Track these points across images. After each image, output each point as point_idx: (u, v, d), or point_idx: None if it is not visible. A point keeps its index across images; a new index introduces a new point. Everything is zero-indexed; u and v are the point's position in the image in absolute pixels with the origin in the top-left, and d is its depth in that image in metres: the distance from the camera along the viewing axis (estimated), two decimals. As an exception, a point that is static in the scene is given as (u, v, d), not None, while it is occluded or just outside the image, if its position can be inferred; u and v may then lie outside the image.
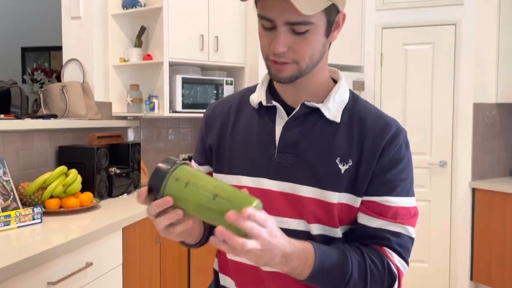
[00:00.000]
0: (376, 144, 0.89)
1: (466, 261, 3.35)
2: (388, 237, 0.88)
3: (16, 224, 1.70)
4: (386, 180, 0.89)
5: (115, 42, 2.85)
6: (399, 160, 0.90)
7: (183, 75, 2.81)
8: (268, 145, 0.93)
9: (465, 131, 3.34)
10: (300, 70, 0.87)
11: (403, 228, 0.90)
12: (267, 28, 0.85)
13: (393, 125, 0.91)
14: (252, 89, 1.01)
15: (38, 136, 2.23)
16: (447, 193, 3.39)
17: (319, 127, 0.91)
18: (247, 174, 0.94)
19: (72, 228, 1.78)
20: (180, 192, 0.77)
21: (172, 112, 2.77)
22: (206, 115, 1.04)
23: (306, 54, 0.85)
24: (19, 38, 5.29)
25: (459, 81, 3.32)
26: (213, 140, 1.00)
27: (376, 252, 0.88)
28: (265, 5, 0.83)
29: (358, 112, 0.92)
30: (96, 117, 2.61)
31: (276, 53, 0.85)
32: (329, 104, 0.92)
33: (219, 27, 2.88)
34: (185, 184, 0.77)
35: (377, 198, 0.89)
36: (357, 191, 0.89)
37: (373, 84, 3.47)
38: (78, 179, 2.08)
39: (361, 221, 0.90)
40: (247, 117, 0.97)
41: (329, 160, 0.89)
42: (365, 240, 0.90)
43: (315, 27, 0.84)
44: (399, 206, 0.89)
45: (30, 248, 1.46)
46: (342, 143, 0.89)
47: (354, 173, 0.88)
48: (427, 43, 3.37)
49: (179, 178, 0.78)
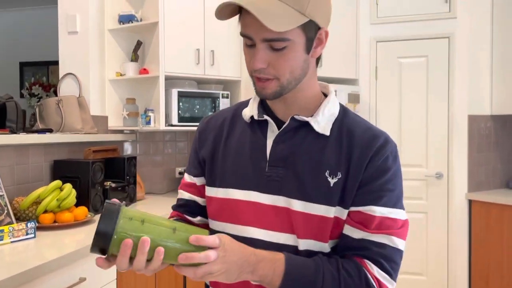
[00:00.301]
0: (363, 155, 0.89)
1: (464, 273, 3.34)
2: (370, 247, 0.86)
3: (10, 239, 1.69)
4: (372, 190, 0.88)
5: (111, 56, 2.87)
6: (385, 170, 0.89)
7: (179, 88, 2.82)
8: (260, 158, 0.93)
9: (461, 143, 3.35)
10: (282, 86, 0.88)
11: (388, 238, 0.87)
12: (249, 45, 0.87)
13: (381, 137, 0.92)
14: (246, 103, 1.02)
15: (33, 151, 2.23)
16: (443, 205, 3.39)
17: (308, 140, 0.92)
18: (238, 187, 0.94)
19: (65, 243, 1.77)
20: (137, 231, 0.76)
21: (168, 126, 2.78)
22: (199, 129, 1.06)
23: (286, 70, 0.87)
24: (17, 52, 5.33)
25: (453, 94, 3.34)
26: (206, 153, 1.01)
27: (354, 264, 0.86)
28: (244, 24, 0.86)
29: (347, 124, 0.93)
30: (92, 131, 2.61)
31: (255, 69, 0.86)
32: (319, 117, 0.92)
33: (215, 41, 2.91)
34: (141, 222, 0.77)
35: (362, 208, 0.88)
36: (345, 203, 0.89)
37: (368, 96, 3.49)
38: (73, 194, 2.07)
39: (345, 232, 0.90)
40: (240, 131, 0.98)
41: (319, 173, 0.89)
42: (347, 252, 0.89)
43: (293, 44, 0.85)
44: (384, 216, 0.88)
45: (23, 263, 1.45)
46: (331, 156, 0.90)
47: (343, 186, 0.89)
48: (421, 56, 3.41)
49: (133, 217, 0.78)
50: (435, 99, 3.39)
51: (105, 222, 0.76)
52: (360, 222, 0.88)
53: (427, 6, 3.36)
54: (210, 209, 1.01)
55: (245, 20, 0.85)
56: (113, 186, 2.46)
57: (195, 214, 1.05)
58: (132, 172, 2.69)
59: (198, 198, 1.05)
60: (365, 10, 3.46)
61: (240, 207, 0.94)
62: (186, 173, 1.07)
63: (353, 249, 0.88)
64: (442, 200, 3.39)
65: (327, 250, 0.90)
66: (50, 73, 5.31)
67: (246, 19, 0.84)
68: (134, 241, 0.75)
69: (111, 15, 2.85)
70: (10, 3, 5.17)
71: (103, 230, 0.76)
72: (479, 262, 3.28)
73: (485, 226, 3.25)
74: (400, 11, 3.42)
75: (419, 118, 3.42)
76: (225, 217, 0.96)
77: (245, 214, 0.93)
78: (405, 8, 3.41)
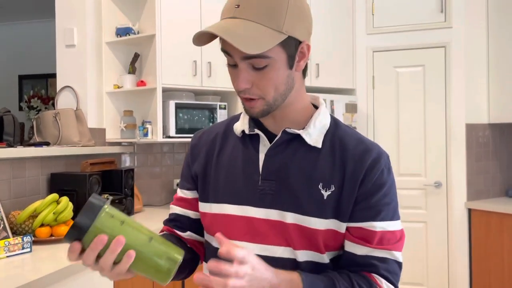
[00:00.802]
0: (357, 170, 0.89)
1: (465, 282, 3.31)
2: (375, 263, 0.89)
3: (5, 253, 1.68)
4: (370, 206, 0.89)
5: (109, 69, 2.88)
6: (381, 185, 0.90)
7: (177, 100, 2.83)
8: (252, 172, 0.93)
9: (459, 152, 3.35)
10: (269, 104, 0.88)
11: (389, 253, 0.90)
12: (231, 65, 0.87)
13: (373, 150, 0.91)
14: (237, 117, 1.02)
15: (30, 164, 2.23)
16: (443, 214, 3.38)
17: (300, 153, 0.92)
18: (232, 202, 0.94)
19: (62, 257, 1.75)
20: (115, 230, 0.74)
21: (166, 137, 2.78)
22: (192, 143, 1.06)
23: (270, 88, 0.86)
24: (16, 65, 5.36)
25: (450, 102, 3.35)
26: (198, 168, 1.01)
27: (365, 279, 0.88)
28: (223, 42, 0.84)
29: (339, 136, 0.93)
30: (90, 143, 2.61)
31: (239, 90, 0.86)
32: (310, 130, 0.92)
33: (212, 53, 2.92)
34: (120, 222, 0.75)
35: (362, 224, 0.89)
36: (341, 216, 0.89)
37: (366, 106, 3.50)
38: (69, 207, 2.06)
39: (348, 249, 0.91)
40: (232, 145, 0.98)
41: (312, 186, 0.89)
42: (353, 268, 0.90)
43: (274, 61, 0.84)
44: (384, 230, 0.89)
45: (19, 278, 1.44)
46: (324, 168, 0.90)
47: (337, 198, 0.89)
48: (418, 65, 3.42)
49: (114, 215, 0.76)
50: (433, 108, 3.40)
51: (85, 214, 0.74)
52: (362, 238, 0.89)
53: (422, 16, 3.39)
54: (204, 223, 1.01)
55: (224, 41, 0.83)
56: (110, 198, 2.45)
57: (185, 229, 1.04)
58: (130, 184, 2.68)
59: (190, 212, 1.04)
60: (361, 20, 3.49)
61: (233, 222, 0.93)
62: (179, 188, 1.08)
63: (359, 265, 0.89)
64: (441, 209, 3.38)
65: (326, 261, 0.91)
66: (49, 86, 5.33)
67: (224, 40, 0.82)
68: (109, 238, 0.74)
69: (109, 28, 2.87)
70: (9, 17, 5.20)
71: (81, 221, 0.74)
72: (480, 271, 3.26)
73: (485, 235, 3.23)
74: (396, 21, 3.44)
75: (417, 127, 3.43)
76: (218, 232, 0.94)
77: (238, 229, 0.92)
78: (401, 18, 3.43)
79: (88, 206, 0.74)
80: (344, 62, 3.43)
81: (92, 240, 0.74)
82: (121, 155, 3.02)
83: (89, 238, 0.74)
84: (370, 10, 3.49)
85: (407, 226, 3.42)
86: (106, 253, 0.75)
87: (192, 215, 1.04)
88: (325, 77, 3.32)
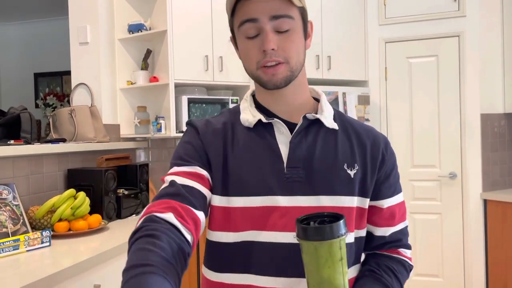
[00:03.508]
0: (375, 151, 0.97)
1: (481, 273, 3.29)
2: (400, 237, 1.00)
3: (25, 248, 1.73)
4: (391, 184, 0.98)
5: (122, 65, 2.91)
6: (393, 165, 1.00)
7: (189, 95, 2.85)
8: (274, 161, 0.91)
9: (474, 142, 3.31)
10: (292, 70, 0.90)
11: (405, 224, 1.02)
12: (251, 36, 0.89)
13: (380, 135, 1.01)
14: (236, 110, 1.00)
15: (47, 160, 2.28)
16: (458, 205, 3.35)
17: (321, 137, 0.94)
18: (259, 194, 0.90)
19: (80, 251, 1.80)
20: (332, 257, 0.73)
21: (179, 132, 2.81)
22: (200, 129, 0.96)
23: (293, 52, 0.89)
24: (32, 64, 5.44)
25: (465, 93, 3.31)
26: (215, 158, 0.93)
27: (398, 261, 0.99)
28: (247, 10, 0.88)
29: (348, 122, 1.00)
30: (105, 139, 2.66)
31: (268, 50, 0.87)
32: (325, 113, 0.96)
33: (223, 48, 2.93)
34: (340, 258, 0.74)
35: (385, 202, 0.97)
36: (366, 193, 0.95)
37: (379, 98, 3.48)
38: (86, 202, 2.11)
39: (376, 233, 0.99)
40: (243, 137, 0.94)
41: (338, 167, 0.93)
42: (383, 248, 1.00)
43: (295, 24, 0.89)
44: (400, 202, 1.00)
45: (39, 271, 1.48)
46: (345, 149, 0.95)
47: (362, 176, 0.94)
48: (431, 55, 3.38)
49: (342, 248, 0.74)
50: (447, 98, 3.36)
51: (330, 228, 0.73)
52: (388, 218, 0.98)
53: (435, 5, 3.34)
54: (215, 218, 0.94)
55: (249, 5, 0.87)
56: (126, 193, 2.49)
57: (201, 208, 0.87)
58: (145, 179, 2.72)
59: (207, 190, 0.90)
60: (373, 11, 3.46)
61: (265, 213, 0.90)
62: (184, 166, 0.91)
63: (387, 243, 1.00)
64: (456, 200, 3.35)
65: (352, 241, 0.95)
66: (64, 83, 5.40)
67: (251, 3, 0.87)
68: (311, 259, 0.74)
69: (121, 24, 2.90)
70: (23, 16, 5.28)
71: (334, 227, 0.73)
72: (496, 263, 3.23)
73: (501, 226, 3.20)
74: (409, 11, 3.40)
75: (430, 118, 3.40)
76: (249, 225, 0.91)
77: (271, 219, 0.90)
78: (413, 8, 3.39)
79: (336, 226, 0.73)
80: (356, 54, 3.41)
81: (315, 252, 0.73)
82: (136, 150, 3.06)
83: (312, 247, 0.74)
84: (382, 1, 3.45)
85: (422, 217, 3.41)
86: None
87: (208, 195, 0.91)
88: (337, 69, 3.31)
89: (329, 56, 3.25)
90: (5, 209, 1.85)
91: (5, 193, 1.90)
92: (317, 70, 3.22)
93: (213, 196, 0.93)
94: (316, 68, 3.21)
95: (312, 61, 3.19)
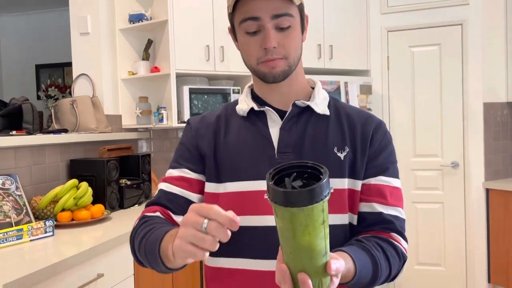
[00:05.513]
0: (365, 132, 0.98)
1: (483, 263, 3.30)
2: (392, 220, 0.95)
3: (29, 237, 1.74)
4: (379, 163, 0.97)
5: (123, 55, 2.91)
6: (386, 145, 0.99)
7: (190, 85, 2.84)
8: (266, 147, 0.96)
9: (476, 131, 3.30)
10: (290, 65, 0.94)
11: (399, 212, 0.97)
12: (252, 32, 0.91)
13: (374, 117, 1.02)
14: (234, 103, 1.05)
15: (49, 151, 2.29)
16: (460, 194, 3.35)
17: (312, 123, 0.97)
18: (251, 179, 0.94)
19: (83, 240, 1.81)
20: (313, 223, 0.62)
21: (181, 123, 2.81)
22: (194, 126, 1.03)
23: (292, 48, 0.92)
24: (33, 55, 5.43)
25: (468, 81, 3.29)
26: (207, 149, 0.99)
27: (390, 243, 0.92)
28: (249, 8, 0.90)
29: (342, 108, 1.02)
30: (107, 130, 2.66)
31: (269, 48, 0.90)
32: (316, 100, 0.99)
33: (224, 37, 2.92)
34: (322, 221, 0.63)
35: (373, 180, 0.96)
36: (357, 175, 0.95)
37: (381, 87, 3.46)
38: (89, 192, 2.12)
39: (365, 209, 0.95)
40: (237, 126, 1.00)
41: (327, 150, 0.95)
42: (371, 227, 0.94)
43: (295, 22, 0.92)
44: (392, 186, 0.97)
45: (42, 260, 1.49)
46: (335, 133, 0.97)
47: (352, 158, 0.96)
48: (434, 44, 3.36)
49: (324, 210, 0.63)
50: (449, 87, 3.34)
51: (309, 192, 0.60)
52: (376, 195, 0.95)
53: (438, -7, 3.31)
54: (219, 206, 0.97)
55: (251, 4, 0.89)
56: (128, 183, 2.50)
57: (181, 212, 0.97)
58: (147, 170, 2.72)
59: (191, 194, 0.99)
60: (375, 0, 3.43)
61: (256, 197, 0.93)
62: (177, 168, 1.01)
63: (377, 223, 0.94)
64: (458, 189, 3.35)
65: (346, 222, 0.95)
66: (66, 75, 5.39)
67: (252, 1, 0.89)
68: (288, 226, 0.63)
69: (122, 15, 2.88)
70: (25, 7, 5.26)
71: (317, 190, 0.60)
72: (498, 252, 3.24)
73: (503, 215, 3.20)
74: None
75: (433, 107, 3.38)
76: (243, 210, 0.93)
77: (263, 204, 0.92)
78: (416, -4, 3.37)
79: (318, 187, 0.61)
80: (358, 43, 3.39)
81: (308, 216, 0.62)
82: (138, 141, 3.06)
83: (309, 211, 0.61)
84: (384, -11, 3.42)
85: (424, 207, 3.41)
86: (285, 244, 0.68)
87: (193, 197, 0.99)
88: (339, 58, 3.29)
89: (331, 45, 3.23)
90: (8, 200, 1.86)
91: (8, 183, 1.91)
92: (318, 59, 3.20)
93: (207, 184, 0.99)
94: (318, 58, 3.20)
95: (313, 50, 3.18)
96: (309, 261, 0.66)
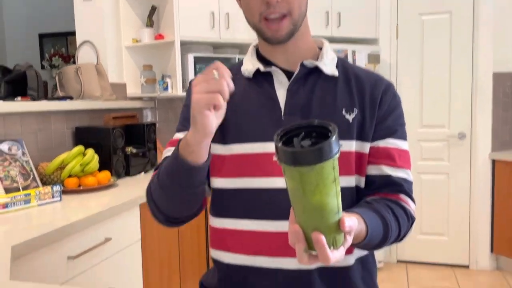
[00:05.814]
0: (374, 93, 0.96)
1: (486, 233, 3.32)
2: (401, 182, 0.94)
3: (36, 202, 1.75)
4: (388, 125, 0.96)
5: (126, 22, 2.86)
6: (395, 107, 0.98)
7: (195, 53, 2.81)
8: (272, 109, 0.94)
9: (485, 102, 3.26)
10: (294, 23, 0.91)
11: (407, 174, 0.96)
12: None
13: (383, 79, 1.00)
14: (239, 64, 1.03)
15: (55, 118, 2.28)
16: (466, 165, 3.34)
17: (320, 84, 0.95)
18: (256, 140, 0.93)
19: (90, 205, 1.82)
20: (324, 181, 0.62)
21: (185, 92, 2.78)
22: None
23: (296, 3, 0.90)
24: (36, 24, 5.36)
25: (478, 51, 3.23)
26: None
27: (399, 206, 0.92)
28: None
29: (351, 69, 0.99)
30: (111, 98, 2.64)
31: (273, 2, 0.87)
32: (325, 60, 0.97)
33: (230, 3, 2.85)
34: (333, 179, 0.63)
35: (382, 142, 0.95)
36: (365, 137, 0.94)
37: (389, 56, 3.41)
38: (95, 158, 2.12)
39: (373, 172, 0.94)
40: (242, 87, 0.97)
41: (336, 112, 0.93)
42: (381, 190, 0.94)
43: None
44: (400, 148, 0.96)
45: (50, 224, 1.50)
46: (344, 94, 0.95)
47: (361, 120, 0.94)
48: (444, 12, 3.28)
49: (335, 168, 0.63)
50: (459, 57, 3.28)
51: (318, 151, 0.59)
52: (385, 157, 0.94)
53: (450, -42, 3.21)
54: (215, 167, 0.96)
55: None
56: (134, 151, 2.50)
57: None
58: (152, 138, 2.72)
59: None
60: (385, -35, 3.33)
61: (262, 159, 0.92)
62: (181, 131, 1.00)
63: (386, 185, 0.94)
64: (464, 160, 3.34)
65: (353, 185, 0.94)
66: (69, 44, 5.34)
67: None
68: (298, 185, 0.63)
69: (125, -20, 2.82)
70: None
71: (325, 147, 0.59)
72: (502, 222, 3.25)
73: (508, 186, 3.20)
74: (422, -35, 3.28)
75: (441, 77, 3.33)
76: (248, 171, 0.93)
77: (269, 165, 0.91)
78: (427, -39, 3.26)
79: (327, 145, 0.60)
80: (367, 11, 3.31)
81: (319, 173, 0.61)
82: (143, 110, 3.05)
83: (297, 173, 0.62)
84: (395, -46, 3.32)
85: (429, 178, 3.41)
86: None
87: None
88: (347, 26, 3.22)
89: (339, 13, 3.16)
90: (15, 165, 1.87)
91: (15, 148, 1.91)
92: (326, 27, 3.14)
93: (213, 145, 0.95)
94: (326, 25, 3.13)
95: (321, 18, 3.11)
96: (321, 219, 0.66)
